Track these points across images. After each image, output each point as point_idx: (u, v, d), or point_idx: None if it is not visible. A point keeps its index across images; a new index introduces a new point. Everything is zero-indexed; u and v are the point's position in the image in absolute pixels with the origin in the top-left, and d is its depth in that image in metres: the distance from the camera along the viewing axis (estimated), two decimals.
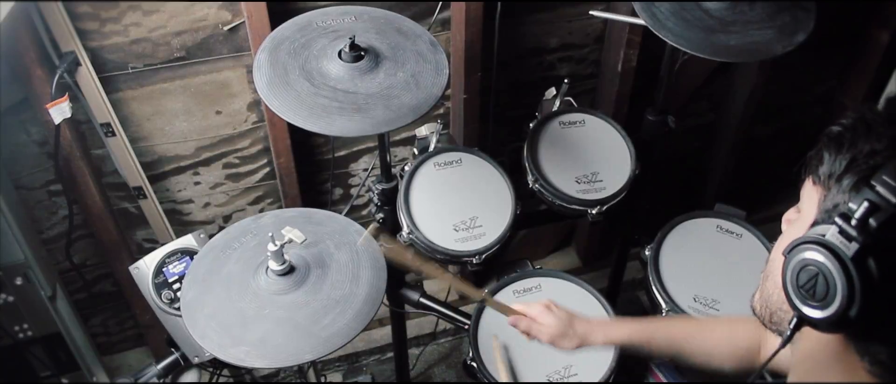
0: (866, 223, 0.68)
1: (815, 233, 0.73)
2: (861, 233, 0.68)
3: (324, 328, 1.29)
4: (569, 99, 1.98)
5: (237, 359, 1.26)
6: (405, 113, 1.38)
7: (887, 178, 0.68)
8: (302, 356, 1.27)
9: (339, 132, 1.34)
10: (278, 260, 1.33)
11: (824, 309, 0.72)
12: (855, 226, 0.68)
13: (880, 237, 0.67)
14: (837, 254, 0.69)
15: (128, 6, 1.74)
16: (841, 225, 0.69)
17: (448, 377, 2.57)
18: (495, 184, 1.78)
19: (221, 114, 2.00)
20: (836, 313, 0.70)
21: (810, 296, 0.73)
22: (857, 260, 0.68)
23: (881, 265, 0.68)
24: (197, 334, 1.29)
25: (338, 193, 2.33)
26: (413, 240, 1.67)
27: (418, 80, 1.43)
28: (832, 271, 0.70)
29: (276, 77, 1.39)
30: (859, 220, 0.68)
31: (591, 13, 1.90)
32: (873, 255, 0.68)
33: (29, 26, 1.66)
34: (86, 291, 2.26)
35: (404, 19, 1.56)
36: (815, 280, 0.72)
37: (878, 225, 0.67)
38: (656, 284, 1.77)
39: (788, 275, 0.76)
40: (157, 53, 1.84)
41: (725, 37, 1.55)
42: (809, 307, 0.74)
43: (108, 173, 2.03)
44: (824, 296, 0.71)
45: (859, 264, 0.68)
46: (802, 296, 0.74)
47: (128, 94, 1.88)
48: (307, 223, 1.47)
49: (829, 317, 0.71)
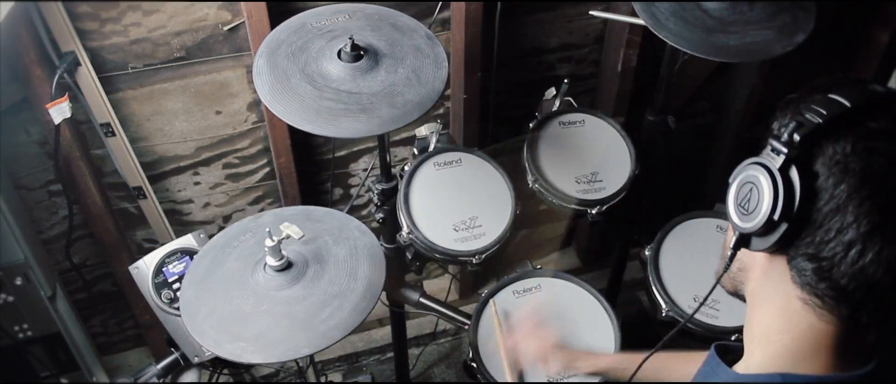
0: (791, 138, 0.76)
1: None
2: (786, 147, 0.76)
3: (321, 322, 1.29)
4: (569, 99, 1.98)
5: (234, 354, 1.26)
6: (410, 109, 1.37)
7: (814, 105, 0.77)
8: (299, 350, 1.27)
9: (348, 134, 1.33)
10: (276, 256, 1.33)
11: (754, 218, 0.79)
12: (782, 143, 0.76)
13: (803, 150, 0.75)
14: (765, 167, 0.78)
15: (128, 6, 1.74)
16: (772, 143, 0.77)
17: (448, 377, 2.57)
18: (495, 184, 1.78)
19: (221, 114, 2.00)
20: (763, 219, 0.77)
21: (745, 211, 0.81)
22: (781, 170, 0.76)
23: (803, 174, 0.75)
24: (195, 331, 1.29)
25: (338, 193, 2.33)
26: (413, 240, 1.67)
27: (419, 75, 1.43)
28: (761, 181, 0.78)
29: (278, 83, 1.39)
30: (787, 137, 0.76)
31: (591, 13, 1.90)
32: (796, 165, 0.76)
33: (29, 26, 1.66)
34: (86, 291, 2.26)
35: (398, 14, 1.55)
36: (749, 194, 0.81)
37: (801, 138, 0.75)
38: (656, 284, 1.77)
39: (730, 198, 0.84)
40: (157, 53, 1.84)
41: (725, 37, 1.55)
42: (743, 220, 0.81)
43: (108, 173, 2.03)
44: (755, 206, 0.79)
45: (784, 173, 0.76)
46: (739, 212, 0.82)
47: (128, 94, 1.88)
48: (306, 220, 1.47)
49: (758, 225, 0.78)
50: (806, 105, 0.78)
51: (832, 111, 0.75)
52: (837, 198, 0.74)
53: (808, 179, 0.75)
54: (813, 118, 0.76)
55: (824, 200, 0.74)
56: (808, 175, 0.75)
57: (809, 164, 0.75)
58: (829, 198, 0.74)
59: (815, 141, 0.75)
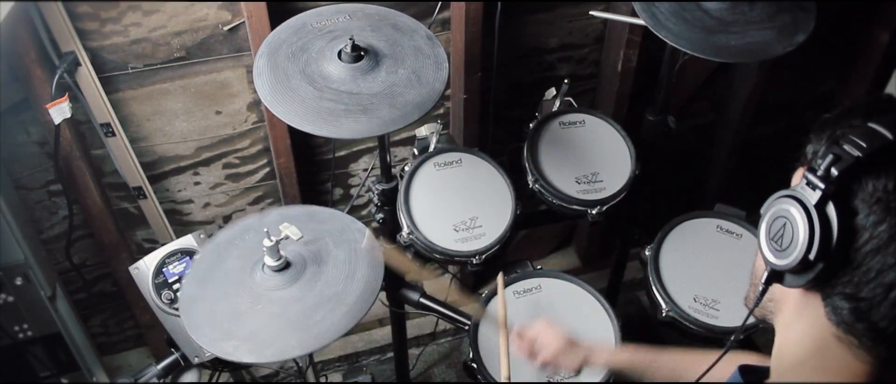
0: (828, 173, 0.72)
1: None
2: (823, 181, 0.72)
3: (315, 324, 1.29)
4: (569, 99, 1.98)
5: (226, 352, 1.26)
6: (411, 110, 1.37)
7: (853, 136, 0.72)
8: (290, 351, 1.27)
9: (348, 135, 1.33)
10: (274, 256, 1.33)
11: (788, 255, 0.75)
12: (819, 177, 0.72)
13: (841, 185, 0.72)
14: (801, 202, 0.74)
15: (128, 6, 1.74)
16: (808, 177, 0.74)
17: (448, 377, 2.57)
18: (495, 184, 1.78)
19: (221, 114, 2.00)
20: (798, 258, 0.74)
21: (779, 247, 0.77)
22: (818, 206, 0.72)
23: (841, 212, 0.72)
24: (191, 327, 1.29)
25: (338, 193, 2.33)
26: (413, 240, 1.67)
27: (419, 75, 1.43)
28: (796, 218, 0.74)
29: (278, 83, 1.39)
30: (823, 171, 0.72)
31: (591, 13, 1.90)
32: (834, 202, 0.72)
33: (29, 26, 1.66)
34: (86, 291, 2.26)
35: (398, 14, 1.55)
36: (782, 229, 0.77)
37: (839, 173, 0.71)
38: (656, 284, 1.77)
39: (762, 231, 0.81)
40: (157, 53, 1.84)
41: (725, 37, 1.55)
42: (776, 256, 0.78)
43: (108, 173, 2.03)
44: (790, 243, 0.75)
45: (820, 210, 0.72)
46: (772, 247, 0.79)
47: (128, 94, 1.88)
48: (309, 220, 1.47)
49: (793, 263, 0.75)
50: (844, 133, 0.73)
51: (873, 145, 0.71)
52: (878, 238, 0.70)
53: (847, 217, 0.71)
54: (852, 151, 0.71)
55: (864, 239, 0.71)
56: (846, 212, 0.71)
57: (848, 201, 0.72)
58: (869, 238, 0.70)
59: (855, 176, 0.71)
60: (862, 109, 0.76)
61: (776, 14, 1.59)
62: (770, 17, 1.59)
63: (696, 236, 1.86)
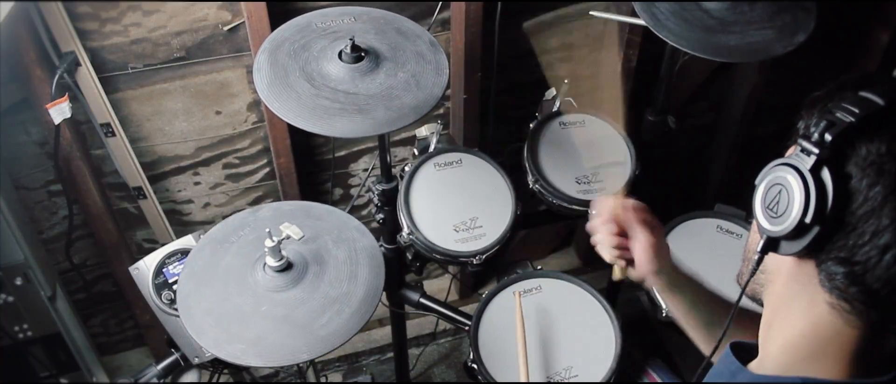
0: (823, 138, 0.73)
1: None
2: (817, 146, 0.73)
3: (321, 327, 1.29)
4: (569, 99, 1.97)
5: (233, 356, 1.26)
6: (406, 113, 1.38)
7: (846, 104, 0.74)
8: (298, 355, 1.26)
9: (341, 133, 1.34)
10: (276, 256, 1.33)
11: (784, 221, 0.76)
12: (813, 143, 0.73)
13: (835, 150, 0.73)
14: (795, 168, 0.75)
15: (128, 6, 1.74)
16: (802, 144, 0.75)
17: (448, 377, 2.57)
18: (495, 184, 1.78)
19: (221, 114, 2.00)
20: (793, 222, 0.75)
21: (774, 214, 0.78)
22: (813, 171, 0.73)
23: (835, 175, 0.72)
24: (193, 329, 1.29)
25: (338, 193, 2.33)
26: (413, 240, 1.67)
27: (419, 80, 1.43)
28: (791, 183, 0.75)
29: (277, 79, 1.39)
30: (817, 137, 0.73)
31: (591, 13, 1.90)
32: (828, 166, 0.73)
33: (29, 26, 1.66)
34: (86, 291, 2.26)
35: (404, 19, 1.56)
36: (777, 196, 0.78)
37: (833, 138, 0.72)
38: None
39: (757, 200, 0.81)
40: (157, 53, 1.84)
41: (725, 37, 1.55)
42: (772, 223, 0.78)
43: (108, 173, 2.03)
44: (785, 209, 0.76)
45: (815, 175, 0.73)
46: (767, 215, 0.79)
47: (128, 94, 1.88)
48: (306, 218, 1.47)
49: (788, 228, 0.75)
50: (836, 103, 0.75)
51: (865, 110, 0.73)
52: (872, 201, 0.71)
53: (841, 181, 0.72)
54: (845, 117, 0.73)
55: (858, 203, 0.72)
56: (840, 176, 0.73)
57: (842, 165, 0.73)
58: (863, 201, 0.72)
59: (848, 141, 0.73)
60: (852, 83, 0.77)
61: (776, 14, 1.59)
62: (770, 17, 1.58)
63: (696, 236, 1.86)
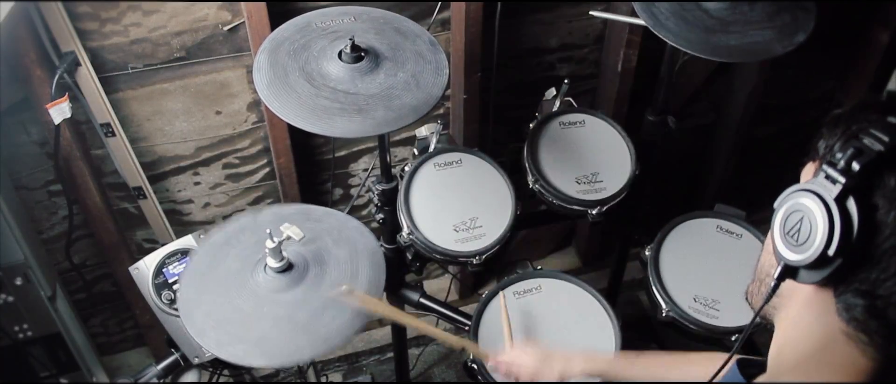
0: (849, 166, 0.70)
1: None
2: (844, 175, 0.71)
3: (323, 326, 1.29)
4: (569, 99, 1.98)
5: (236, 357, 1.26)
6: (406, 113, 1.37)
7: (874, 131, 0.71)
8: (301, 354, 1.26)
9: (341, 133, 1.33)
10: (276, 257, 1.33)
11: (805, 251, 0.73)
12: (839, 170, 0.71)
13: (862, 179, 0.70)
14: (820, 196, 0.72)
15: (128, 6, 1.74)
16: (826, 170, 0.72)
17: (448, 377, 2.57)
18: (495, 184, 1.78)
19: (221, 114, 2.00)
20: (816, 253, 0.72)
21: (794, 242, 0.75)
22: (838, 200, 0.71)
23: (861, 207, 0.70)
24: (194, 331, 1.29)
25: (338, 193, 2.33)
26: (413, 240, 1.67)
27: (418, 80, 1.43)
28: (814, 212, 0.72)
29: (277, 78, 1.39)
30: (844, 165, 0.71)
31: (591, 13, 1.90)
32: (854, 196, 0.70)
33: (29, 26, 1.66)
34: (86, 291, 2.26)
35: (404, 19, 1.56)
36: (799, 224, 0.75)
37: (861, 167, 0.70)
38: (656, 284, 1.77)
39: (776, 226, 0.78)
40: (157, 53, 1.84)
41: (725, 37, 1.55)
42: (792, 251, 0.75)
43: (108, 173, 2.03)
44: (807, 238, 0.73)
45: (840, 204, 0.71)
46: (787, 242, 0.76)
47: (128, 94, 1.88)
48: (306, 219, 1.47)
49: (810, 259, 0.73)
50: (862, 127, 0.72)
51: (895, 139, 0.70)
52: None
53: (867, 212, 0.70)
54: (873, 144, 0.70)
55: (884, 236, 0.69)
56: (866, 207, 0.70)
57: (868, 196, 0.70)
58: (889, 234, 0.69)
59: (876, 170, 0.70)
60: (878, 105, 0.75)
61: (776, 14, 1.59)
62: (770, 17, 1.58)
63: (696, 236, 1.86)
